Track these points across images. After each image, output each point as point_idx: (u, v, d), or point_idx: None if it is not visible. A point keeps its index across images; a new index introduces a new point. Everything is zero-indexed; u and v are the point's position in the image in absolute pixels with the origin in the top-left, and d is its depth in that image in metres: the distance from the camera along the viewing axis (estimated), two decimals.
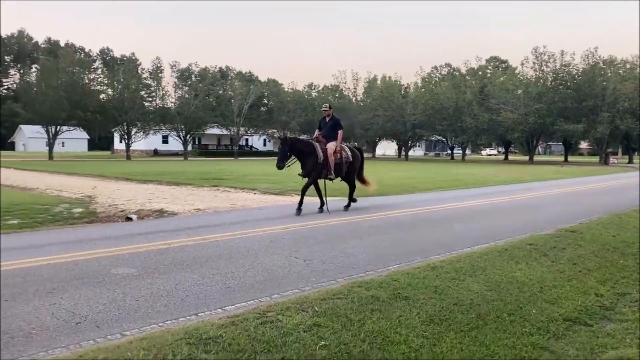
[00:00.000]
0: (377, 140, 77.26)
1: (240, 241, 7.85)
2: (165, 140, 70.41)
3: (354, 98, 74.32)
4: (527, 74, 58.62)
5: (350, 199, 12.10)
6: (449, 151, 74.77)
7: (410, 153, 73.68)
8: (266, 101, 78.22)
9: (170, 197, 14.26)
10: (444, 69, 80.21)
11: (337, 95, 74.44)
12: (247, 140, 78.16)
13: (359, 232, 8.98)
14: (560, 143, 74.05)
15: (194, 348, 3.58)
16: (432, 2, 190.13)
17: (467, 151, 78.86)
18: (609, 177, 28.14)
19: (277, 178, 19.93)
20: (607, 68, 56.88)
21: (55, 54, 63.42)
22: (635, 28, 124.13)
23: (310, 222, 9.96)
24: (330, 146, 11.47)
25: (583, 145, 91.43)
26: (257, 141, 79.25)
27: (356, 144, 74.93)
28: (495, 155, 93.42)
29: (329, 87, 77.67)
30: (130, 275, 5.72)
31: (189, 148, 64.85)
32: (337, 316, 4.30)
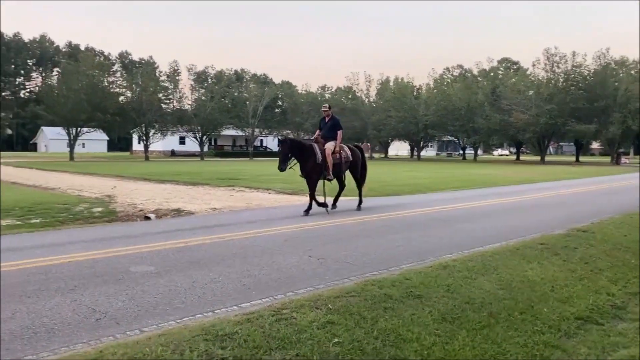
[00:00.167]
0: (389, 141, 77.21)
1: (255, 240, 7.93)
2: (182, 141, 70.95)
3: (367, 99, 74.07)
4: (539, 75, 57.95)
5: (336, 198, 11.93)
6: (461, 151, 74.29)
7: (423, 153, 73.42)
8: (280, 103, 78.66)
9: (187, 197, 14.37)
10: (455, 71, 79.42)
11: (350, 97, 74.41)
12: (261, 141, 78.32)
13: (372, 231, 8.99)
14: (572, 143, 73.18)
15: (210, 344, 3.64)
16: (444, 3, 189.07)
17: (479, 151, 78.21)
18: (620, 177, 27.71)
19: (291, 178, 19.93)
20: (619, 69, 56.14)
21: (75, 57, 64.44)
22: None
23: (323, 221, 10.02)
24: (329, 146, 11.28)
25: (595, 145, 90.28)
26: (271, 142, 79.36)
27: (368, 144, 74.66)
28: (506, 155, 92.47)
29: (342, 89, 77.57)
30: (149, 272, 5.79)
31: (205, 149, 65.27)
32: (350, 314, 4.33)
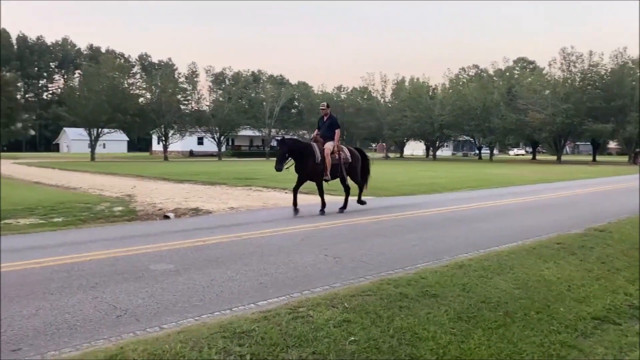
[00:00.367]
0: (405, 141, 76.96)
1: (272, 239, 8.00)
2: (200, 141, 71.66)
3: (382, 99, 74.02)
4: (555, 75, 57.43)
5: (346, 201, 11.65)
6: (477, 151, 73.66)
7: (438, 153, 73.02)
8: (297, 103, 79.06)
9: (205, 196, 14.50)
10: (471, 70, 78.82)
11: (365, 97, 74.39)
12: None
13: (387, 230, 9.00)
14: (589, 143, 72.09)
15: (228, 341, 3.68)
16: (460, 3, 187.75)
17: (495, 151, 77.48)
18: (637, 176, 27.28)
19: None
20: (636, 68, 55.15)
21: (96, 60, 65.68)
22: None
23: (339, 220, 10.07)
24: (328, 146, 11.09)
25: (611, 145, 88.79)
26: None
27: (384, 144, 74.21)
28: (522, 155, 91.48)
29: (358, 89, 77.55)
30: (168, 271, 5.87)
31: (223, 149, 65.83)
32: (366, 312, 4.35)
